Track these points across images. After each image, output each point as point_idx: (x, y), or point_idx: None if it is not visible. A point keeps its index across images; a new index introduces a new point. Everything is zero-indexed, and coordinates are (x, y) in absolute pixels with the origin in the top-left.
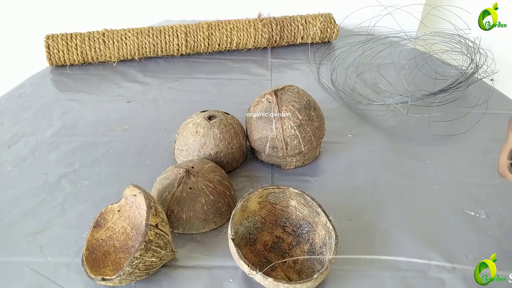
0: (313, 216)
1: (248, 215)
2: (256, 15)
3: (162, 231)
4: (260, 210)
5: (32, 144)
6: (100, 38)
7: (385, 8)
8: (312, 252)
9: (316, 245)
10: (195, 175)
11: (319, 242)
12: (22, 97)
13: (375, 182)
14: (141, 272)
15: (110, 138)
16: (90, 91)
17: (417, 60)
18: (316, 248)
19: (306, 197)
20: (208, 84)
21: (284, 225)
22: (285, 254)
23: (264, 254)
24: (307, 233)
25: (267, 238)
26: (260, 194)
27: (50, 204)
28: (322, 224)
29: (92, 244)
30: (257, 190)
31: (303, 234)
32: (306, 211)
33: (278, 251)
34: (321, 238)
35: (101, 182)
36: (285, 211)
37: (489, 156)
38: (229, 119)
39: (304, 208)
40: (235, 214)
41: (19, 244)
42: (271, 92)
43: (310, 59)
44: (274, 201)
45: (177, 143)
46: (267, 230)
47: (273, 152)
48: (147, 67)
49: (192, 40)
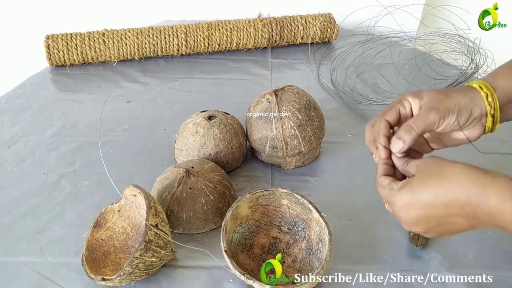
0: (306, 213)
1: (241, 221)
2: (256, 15)
3: (162, 231)
4: (252, 213)
5: (32, 144)
6: (100, 38)
7: (385, 8)
8: (309, 249)
9: (313, 241)
10: (195, 175)
11: (315, 239)
12: (22, 97)
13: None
14: (141, 272)
15: (110, 138)
16: (90, 91)
17: (417, 60)
18: (313, 245)
19: (296, 195)
20: (208, 84)
21: (279, 224)
22: (283, 254)
23: (262, 257)
24: (303, 230)
25: (264, 241)
26: (250, 199)
27: (50, 204)
28: (315, 220)
29: (92, 244)
30: (245, 197)
31: (299, 231)
32: (298, 209)
33: (276, 252)
34: (317, 234)
35: (101, 182)
36: (278, 211)
37: (489, 156)
38: (229, 119)
39: (296, 206)
40: (226, 224)
41: (19, 244)
42: (271, 92)
43: (310, 59)
44: (265, 203)
45: (177, 143)
46: (263, 232)
47: (273, 152)
48: (147, 67)
49: (192, 40)
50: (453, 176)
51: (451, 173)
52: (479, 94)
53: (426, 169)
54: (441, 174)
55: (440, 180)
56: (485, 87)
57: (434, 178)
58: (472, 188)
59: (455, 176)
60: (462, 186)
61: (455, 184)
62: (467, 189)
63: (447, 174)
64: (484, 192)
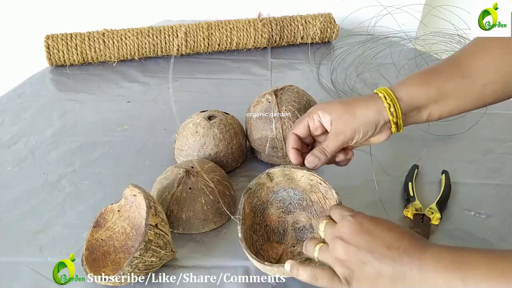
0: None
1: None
2: (256, 15)
3: (162, 231)
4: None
5: (32, 144)
6: (100, 38)
7: (385, 8)
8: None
9: (316, 205)
10: (195, 175)
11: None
12: (22, 97)
13: (375, 182)
14: (141, 272)
15: (110, 138)
16: (90, 91)
17: (417, 60)
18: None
19: (263, 175)
20: (208, 84)
21: (279, 207)
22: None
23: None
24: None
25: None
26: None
27: (50, 204)
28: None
29: (92, 244)
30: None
31: (299, 205)
32: (282, 179)
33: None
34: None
35: (101, 182)
36: (267, 197)
37: (489, 156)
38: (229, 119)
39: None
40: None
41: (19, 244)
42: (271, 92)
43: (310, 59)
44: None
45: (177, 143)
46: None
47: (273, 152)
48: (147, 67)
49: (192, 40)
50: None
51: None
52: (383, 104)
53: None
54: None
55: (398, 226)
56: (389, 97)
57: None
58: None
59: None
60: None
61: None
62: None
63: None
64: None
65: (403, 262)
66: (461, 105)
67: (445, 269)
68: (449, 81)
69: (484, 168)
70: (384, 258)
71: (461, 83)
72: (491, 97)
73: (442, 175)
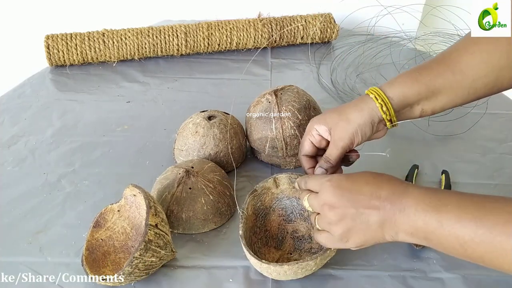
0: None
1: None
2: (256, 15)
3: (162, 231)
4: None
5: (32, 144)
6: (100, 38)
7: (385, 8)
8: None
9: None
10: (195, 175)
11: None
12: (22, 97)
13: None
14: (141, 272)
15: (110, 138)
16: (90, 91)
17: (417, 60)
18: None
19: (269, 180)
20: (208, 84)
21: (283, 217)
22: (293, 243)
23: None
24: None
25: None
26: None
27: (50, 204)
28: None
29: (92, 244)
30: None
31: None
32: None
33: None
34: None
35: (101, 182)
36: (272, 202)
37: (489, 156)
38: (229, 119)
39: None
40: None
41: (19, 244)
42: (270, 92)
43: (310, 59)
44: (259, 205)
45: (177, 143)
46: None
47: (273, 152)
48: (147, 67)
49: (192, 40)
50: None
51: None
52: (375, 104)
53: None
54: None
55: (374, 176)
56: (380, 97)
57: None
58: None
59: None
60: (389, 184)
61: (385, 182)
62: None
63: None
64: (407, 192)
65: (386, 209)
66: (453, 100)
67: (424, 212)
68: (439, 77)
69: (484, 168)
70: (368, 209)
71: (451, 78)
72: (483, 91)
73: (442, 175)
